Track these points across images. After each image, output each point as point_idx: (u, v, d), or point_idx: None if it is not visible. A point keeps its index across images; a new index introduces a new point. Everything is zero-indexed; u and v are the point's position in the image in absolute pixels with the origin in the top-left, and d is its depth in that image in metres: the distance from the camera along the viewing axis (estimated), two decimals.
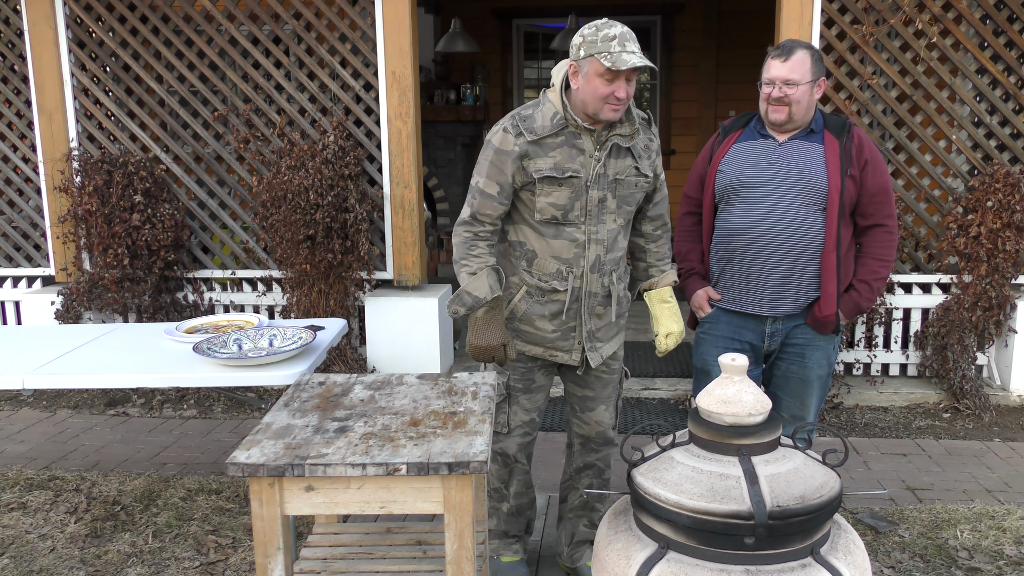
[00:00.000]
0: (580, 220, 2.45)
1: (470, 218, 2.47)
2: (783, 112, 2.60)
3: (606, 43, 2.27)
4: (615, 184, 2.46)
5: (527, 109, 2.45)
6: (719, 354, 2.74)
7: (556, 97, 2.41)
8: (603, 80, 2.28)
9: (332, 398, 2.17)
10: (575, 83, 2.36)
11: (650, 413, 4.48)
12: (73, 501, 3.45)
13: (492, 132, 2.45)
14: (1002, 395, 4.54)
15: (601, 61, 2.26)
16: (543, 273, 2.50)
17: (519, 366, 2.61)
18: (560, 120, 2.40)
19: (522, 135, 2.39)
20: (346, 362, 4.69)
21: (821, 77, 2.60)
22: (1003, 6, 4.42)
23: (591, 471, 2.80)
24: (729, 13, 8.01)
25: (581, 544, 2.86)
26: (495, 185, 2.43)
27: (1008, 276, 4.43)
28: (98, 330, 3.31)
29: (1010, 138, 4.51)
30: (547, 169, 2.39)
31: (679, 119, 8.43)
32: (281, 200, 4.57)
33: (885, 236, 2.70)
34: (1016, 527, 3.13)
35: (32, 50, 4.88)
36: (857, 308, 2.71)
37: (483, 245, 2.46)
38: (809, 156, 2.62)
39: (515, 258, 2.54)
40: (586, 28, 2.33)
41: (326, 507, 1.81)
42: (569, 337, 2.56)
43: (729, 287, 2.74)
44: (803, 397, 2.77)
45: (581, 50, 2.31)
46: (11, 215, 5.27)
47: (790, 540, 1.67)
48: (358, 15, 4.69)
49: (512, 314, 2.55)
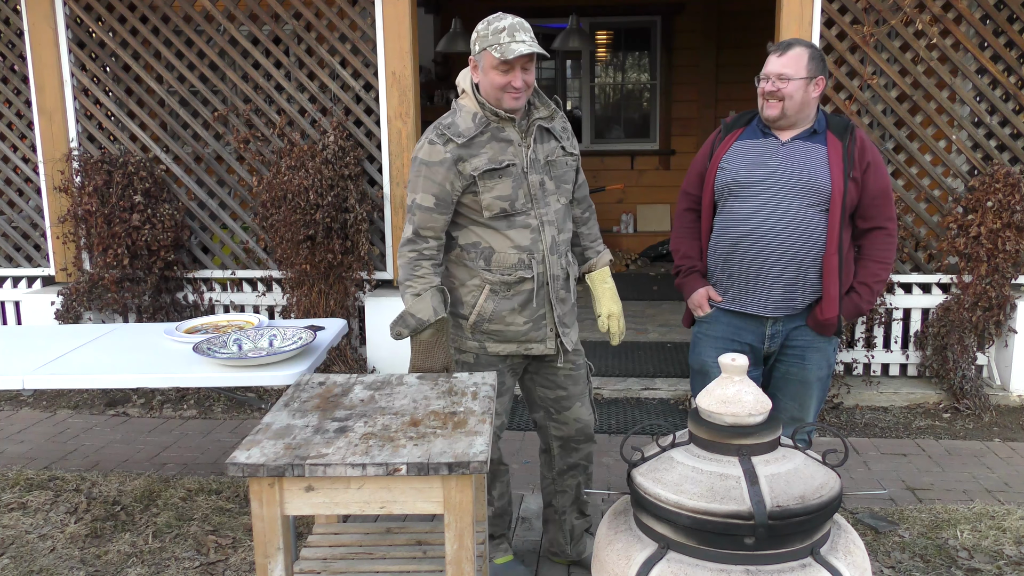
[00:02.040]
0: (528, 207, 2.49)
1: (413, 235, 2.47)
2: (776, 108, 2.59)
3: (496, 35, 2.35)
4: (548, 166, 2.53)
5: (446, 118, 2.50)
6: (717, 355, 2.73)
7: (470, 100, 2.48)
8: (498, 72, 2.37)
9: (332, 398, 2.17)
10: (476, 78, 2.45)
11: (650, 413, 4.48)
12: (73, 501, 3.45)
13: (417, 148, 2.48)
14: (1002, 395, 4.54)
15: (492, 53, 2.35)
16: (504, 267, 2.50)
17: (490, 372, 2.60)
18: (482, 119, 2.45)
19: (451, 141, 2.43)
20: (346, 362, 4.69)
21: (819, 76, 2.59)
22: (1003, 6, 4.42)
23: (576, 470, 2.81)
24: (729, 13, 8.01)
25: (581, 536, 2.90)
26: (431, 198, 2.44)
27: (1008, 276, 4.43)
28: (98, 330, 3.31)
29: (1010, 138, 4.51)
30: (484, 164, 2.43)
31: (679, 119, 8.43)
32: (281, 200, 4.57)
33: (885, 239, 2.69)
34: (1016, 527, 3.13)
35: (32, 50, 4.88)
36: (857, 310, 2.70)
37: (427, 265, 2.46)
38: (812, 157, 2.61)
39: (471, 261, 2.53)
40: (480, 24, 2.42)
41: (326, 507, 1.81)
42: (541, 326, 2.57)
43: (729, 287, 2.73)
44: (803, 399, 2.76)
45: (476, 45, 2.40)
46: (11, 215, 5.27)
47: (790, 540, 1.67)
48: (358, 15, 4.70)
49: (480, 316, 2.53)
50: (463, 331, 2.58)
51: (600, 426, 4.27)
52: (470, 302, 2.54)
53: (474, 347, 2.58)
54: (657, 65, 8.50)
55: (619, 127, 8.76)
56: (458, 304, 2.56)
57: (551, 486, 2.85)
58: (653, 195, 8.51)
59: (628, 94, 8.84)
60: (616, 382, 4.83)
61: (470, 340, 2.58)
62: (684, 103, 8.41)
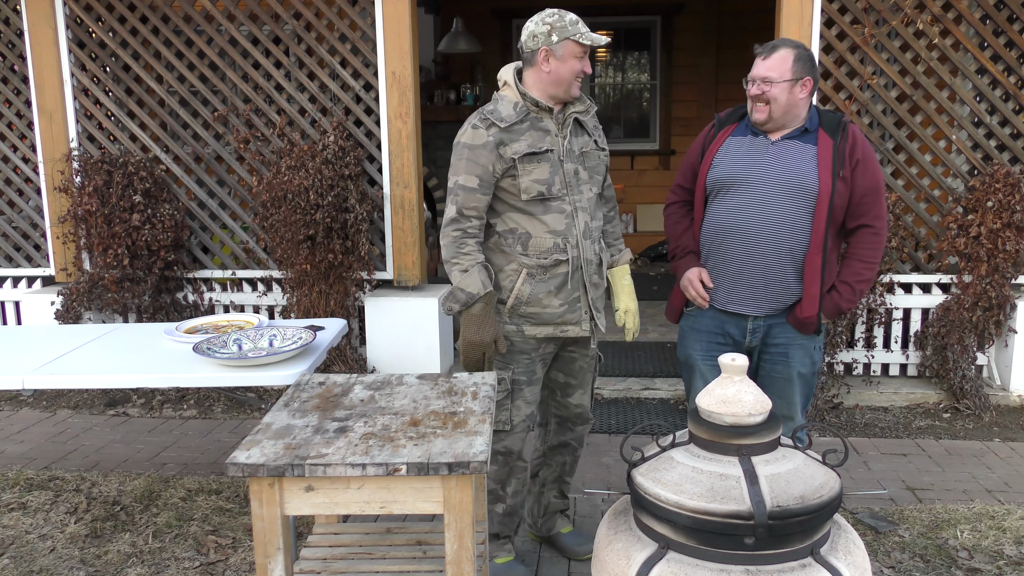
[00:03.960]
0: (563, 192, 2.59)
1: (457, 214, 2.57)
2: (763, 112, 2.60)
3: (575, 25, 2.52)
4: (582, 157, 2.65)
5: (488, 106, 2.62)
6: (702, 348, 2.77)
7: (511, 91, 2.60)
8: (577, 59, 2.53)
9: (332, 398, 2.17)
10: (546, 67, 2.54)
11: (650, 413, 4.48)
12: (73, 501, 3.45)
13: (461, 133, 2.60)
14: (1002, 395, 4.54)
15: (580, 41, 2.51)
16: (540, 251, 2.59)
17: (523, 358, 2.66)
18: (522, 108, 2.57)
19: (494, 125, 2.54)
20: (346, 362, 4.69)
21: (806, 77, 2.57)
22: (1003, 6, 4.42)
23: (566, 449, 2.92)
24: (729, 13, 8.00)
25: (553, 515, 3.00)
26: (475, 179, 2.54)
27: (1008, 276, 4.43)
28: (98, 330, 3.31)
29: (1010, 138, 4.51)
30: (524, 148, 2.53)
31: (679, 119, 8.43)
32: (281, 200, 4.57)
33: (872, 238, 2.66)
34: (1016, 527, 3.13)
35: (32, 50, 4.88)
36: (837, 309, 2.68)
37: (472, 243, 2.56)
38: (801, 157, 2.60)
39: (508, 246, 2.61)
40: (548, 16, 2.54)
41: (326, 507, 1.81)
42: (576, 308, 2.66)
43: (713, 281, 2.74)
44: (789, 396, 2.75)
45: (553, 35, 2.52)
46: (11, 215, 5.27)
47: (790, 540, 1.67)
48: (358, 15, 4.70)
49: (518, 300, 2.61)
50: (501, 315, 2.65)
51: (600, 426, 4.27)
52: (508, 286, 2.63)
53: (512, 331, 2.65)
54: (657, 65, 8.50)
55: (619, 127, 8.76)
56: (496, 289, 2.63)
57: (541, 459, 2.96)
58: (653, 195, 8.51)
59: (628, 94, 8.84)
60: (616, 382, 4.83)
61: (508, 324, 2.65)
62: (684, 103, 8.41)
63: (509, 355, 2.65)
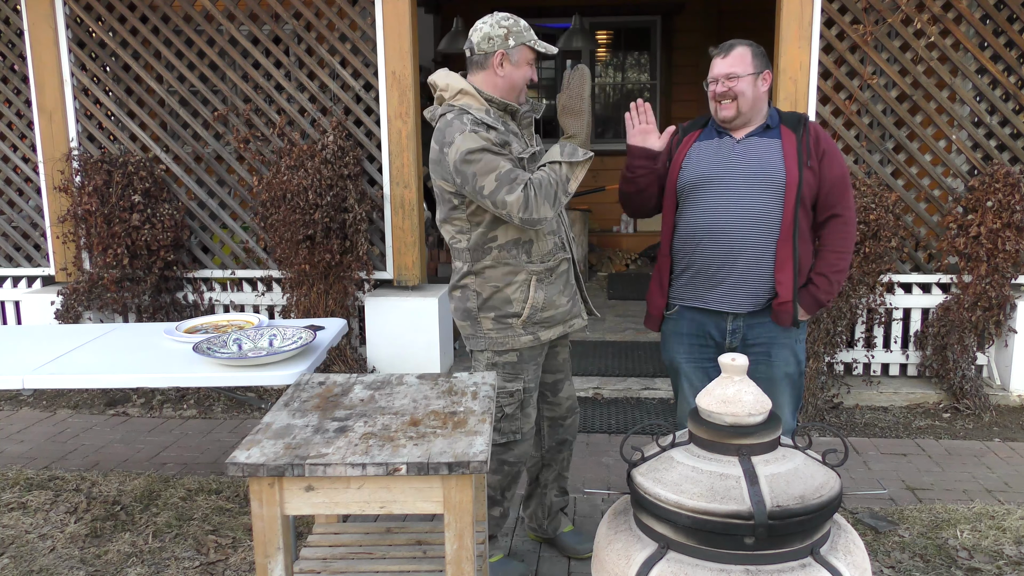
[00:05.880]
0: None
1: (514, 176, 2.38)
2: (731, 108, 2.64)
3: (528, 31, 2.53)
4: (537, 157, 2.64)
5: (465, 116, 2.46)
6: (685, 350, 2.79)
7: (474, 99, 2.52)
8: (529, 65, 2.55)
9: (332, 398, 2.17)
10: (500, 72, 2.52)
11: (650, 413, 4.49)
12: (73, 501, 3.45)
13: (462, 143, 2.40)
14: (1002, 395, 4.54)
15: (535, 47, 2.53)
16: (544, 254, 2.60)
17: (531, 366, 2.66)
18: (495, 114, 2.53)
19: (492, 128, 2.47)
20: (346, 362, 4.69)
21: (766, 70, 2.64)
22: (1003, 6, 4.42)
23: (563, 445, 2.94)
24: (729, 13, 8.01)
25: (557, 514, 3.02)
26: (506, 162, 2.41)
27: (1008, 276, 4.43)
28: (98, 330, 3.31)
29: (1010, 138, 4.51)
30: (518, 151, 2.52)
31: (679, 119, 8.41)
32: (280, 200, 4.57)
33: (842, 227, 2.68)
34: (1016, 527, 3.13)
35: (32, 50, 4.88)
36: (816, 302, 2.69)
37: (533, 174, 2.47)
38: (767, 151, 2.64)
39: (512, 258, 2.57)
40: (503, 19, 2.51)
41: (326, 507, 1.81)
42: (576, 301, 2.75)
43: (691, 283, 2.74)
44: (774, 398, 2.73)
45: (510, 39, 2.50)
46: (11, 215, 5.27)
47: (790, 540, 1.67)
48: (358, 15, 4.70)
49: (533, 308, 2.59)
50: (514, 330, 2.60)
51: (600, 426, 4.27)
52: (520, 298, 2.58)
53: (528, 341, 2.61)
54: (657, 65, 8.50)
55: (619, 127, 8.76)
56: (506, 304, 2.58)
57: (539, 462, 2.95)
58: None
59: (628, 94, 8.84)
60: (616, 382, 4.83)
61: (523, 335, 2.61)
62: (684, 103, 8.41)
63: (520, 365, 2.62)
